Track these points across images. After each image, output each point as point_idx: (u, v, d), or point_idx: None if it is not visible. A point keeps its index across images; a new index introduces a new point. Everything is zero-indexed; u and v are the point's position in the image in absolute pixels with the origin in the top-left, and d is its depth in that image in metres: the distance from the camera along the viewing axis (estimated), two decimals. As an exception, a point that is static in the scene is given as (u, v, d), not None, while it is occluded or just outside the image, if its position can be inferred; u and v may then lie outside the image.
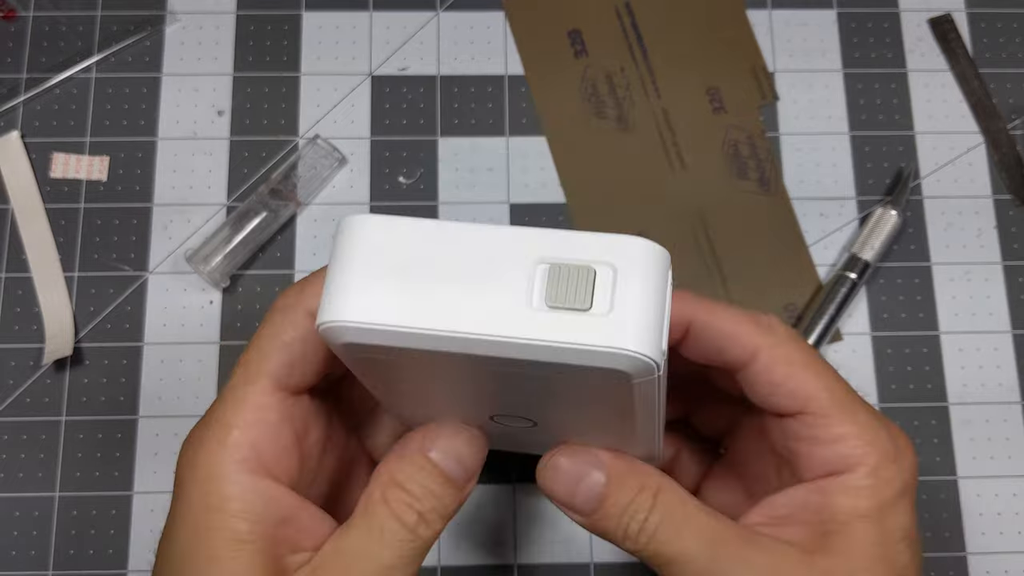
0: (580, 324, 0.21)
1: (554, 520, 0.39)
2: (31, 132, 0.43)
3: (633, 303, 0.21)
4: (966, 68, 0.45)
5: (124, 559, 0.38)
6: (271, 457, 0.25)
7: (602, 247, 0.22)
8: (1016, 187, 0.44)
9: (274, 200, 0.42)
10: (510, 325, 0.21)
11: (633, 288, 0.21)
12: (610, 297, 0.21)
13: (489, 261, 0.21)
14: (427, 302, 0.21)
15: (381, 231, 0.22)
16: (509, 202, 0.43)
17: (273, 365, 0.25)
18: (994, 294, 0.43)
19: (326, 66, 0.44)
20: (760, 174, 0.44)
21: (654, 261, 0.22)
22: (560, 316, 0.21)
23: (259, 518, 0.24)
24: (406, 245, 0.22)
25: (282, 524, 0.25)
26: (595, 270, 0.21)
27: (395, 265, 0.21)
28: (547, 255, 0.21)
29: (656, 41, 0.45)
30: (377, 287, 0.21)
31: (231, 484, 0.24)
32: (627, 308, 0.21)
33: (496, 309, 0.21)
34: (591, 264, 0.21)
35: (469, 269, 0.21)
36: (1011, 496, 0.40)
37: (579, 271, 0.21)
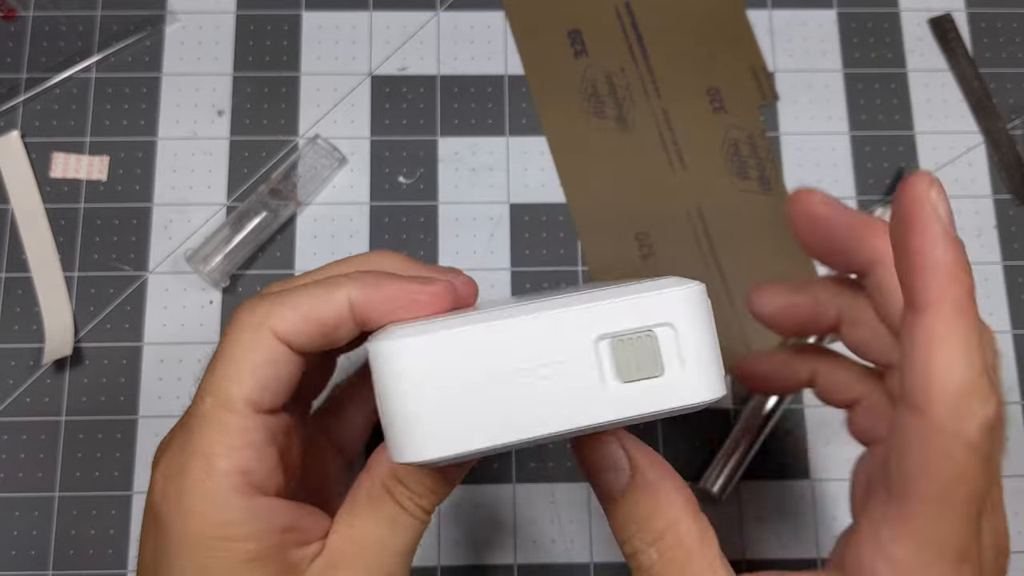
0: (657, 390, 0.21)
1: (554, 520, 0.39)
2: (31, 132, 0.43)
3: (699, 355, 0.22)
4: (966, 68, 0.45)
5: (124, 559, 0.38)
6: (261, 477, 0.25)
7: (651, 307, 0.22)
8: (1016, 187, 0.44)
9: (274, 200, 0.42)
10: (593, 410, 0.21)
11: (693, 340, 0.22)
12: (677, 356, 0.22)
13: (548, 353, 0.22)
14: (503, 412, 0.21)
15: (424, 354, 0.21)
16: (509, 202, 0.43)
17: (246, 389, 0.25)
18: (994, 294, 0.43)
19: (326, 66, 0.44)
20: (760, 174, 0.44)
21: (700, 304, 0.22)
22: (637, 387, 0.21)
23: (265, 535, 0.25)
24: (457, 362, 0.21)
25: (285, 532, 0.25)
26: (656, 334, 0.22)
27: (456, 386, 0.21)
28: (603, 331, 0.22)
29: (656, 41, 0.45)
30: (448, 412, 0.21)
31: (231, 510, 0.24)
32: (695, 362, 0.22)
33: (574, 399, 0.21)
34: (649, 329, 0.22)
35: (530, 367, 0.21)
36: (1011, 496, 0.40)
37: (641, 340, 0.22)
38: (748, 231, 0.43)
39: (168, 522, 0.25)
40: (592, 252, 0.43)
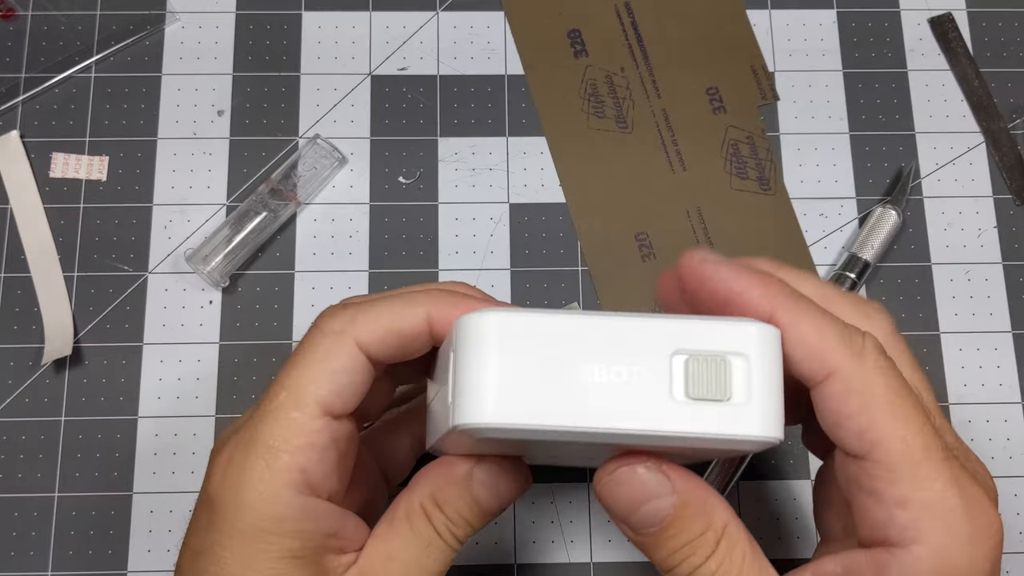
0: (721, 414, 0.22)
1: (554, 520, 0.39)
2: (30, 132, 0.43)
3: (765, 392, 0.22)
4: (966, 68, 0.45)
5: (124, 559, 0.38)
6: (319, 478, 0.26)
7: (730, 334, 0.23)
8: (1016, 187, 0.44)
9: (274, 200, 0.42)
10: (657, 418, 0.22)
11: (763, 376, 0.22)
12: (746, 387, 0.22)
13: (624, 354, 0.22)
14: (570, 397, 0.22)
15: (507, 328, 0.22)
16: (509, 202, 0.43)
17: (323, 391, 0.25)
18: (994, 294, 0.43)
19: (326, 66, 0.44)
20: (760, 174, 0.44)
21: (774, 345, 0.23)
22: (702, 407, 0.22)
23: (310, 536, 0.25)
24: (538, 342, 0.22)
25: (328, 536, 0.26)
26: (730, 361, 0.22)
27: (532, 364, 0.22)
28: (680, 346, 0.22)
29: (656, 41, 0.45)
30: (517, 385, 0.22)
31: (284, 506, 0.25)
32: (762, 398, 0.22)
33: (640, 402, 0.22)
34: (725, 354, 0.22)
35: (605, 363, 0.22)
36: (1011, 496, 0.40)
37: (715, 362, 0.22)
38: (748, 231, 0.43)
39: (222, 508, 0.25)
40: (592, 252, 0.43)
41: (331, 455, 0.26)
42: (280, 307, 0.41)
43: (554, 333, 0.22)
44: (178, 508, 0.39)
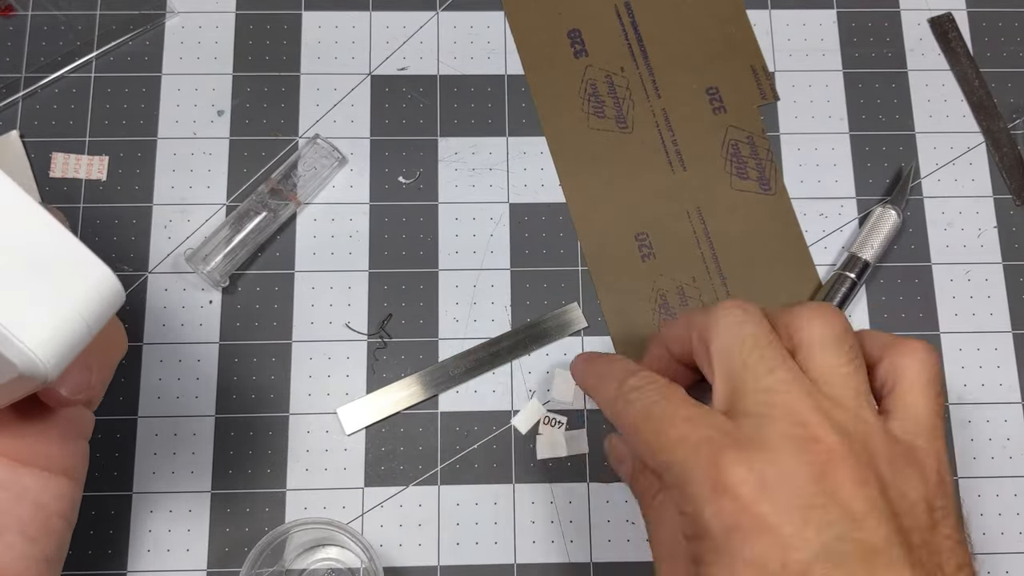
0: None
1: (554, 520, 0.39)
2: (30, 131, 0.43)
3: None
4: (966, 68, 0.45)
5: (124, 559, 0.38)
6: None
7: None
8: (1016, 187, 0.44)
9: (274, 200, 0.42)
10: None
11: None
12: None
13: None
14: None
15: None
16: (509, 202, 0.43)
17: None
18: (994, 294, 0.43)
19: (326, 66, 0.44)
20: (760, 174, 0.44)
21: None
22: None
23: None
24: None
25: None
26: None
27: None
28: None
29: (656, 41, 0.45)
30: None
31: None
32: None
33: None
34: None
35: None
36: (1011, 496, 0.40)
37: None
38: (748, 231, 0.43)
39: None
40: (592, 252, 0.42)
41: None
42: (280, 307, 0.41)
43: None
44: (178, 508, 0.39)
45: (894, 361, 0.30)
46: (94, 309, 0.23)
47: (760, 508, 0.25)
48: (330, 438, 0.40)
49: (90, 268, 0.23)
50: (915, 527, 0.27)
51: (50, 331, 0.22)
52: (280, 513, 0.39)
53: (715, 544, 0.26)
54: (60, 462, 0.28)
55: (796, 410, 0.27)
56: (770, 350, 0.28)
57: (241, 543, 0.39)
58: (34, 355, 0.22)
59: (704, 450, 0.27)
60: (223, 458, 0.40)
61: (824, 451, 0.26)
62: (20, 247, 0.22)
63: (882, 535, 0.25)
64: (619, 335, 0.42)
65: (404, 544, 0.39)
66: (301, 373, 0.41)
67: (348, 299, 0.42)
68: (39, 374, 0.22)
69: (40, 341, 0.22)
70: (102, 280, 0.23)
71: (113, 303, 0.23)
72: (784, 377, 0.28)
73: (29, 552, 0.27)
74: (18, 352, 0.22)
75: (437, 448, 0.40)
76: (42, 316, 0.22)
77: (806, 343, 0.29)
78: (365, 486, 0.40)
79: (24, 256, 0.22)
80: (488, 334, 0.41)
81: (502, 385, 0.41)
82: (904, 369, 0.29)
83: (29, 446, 0.28)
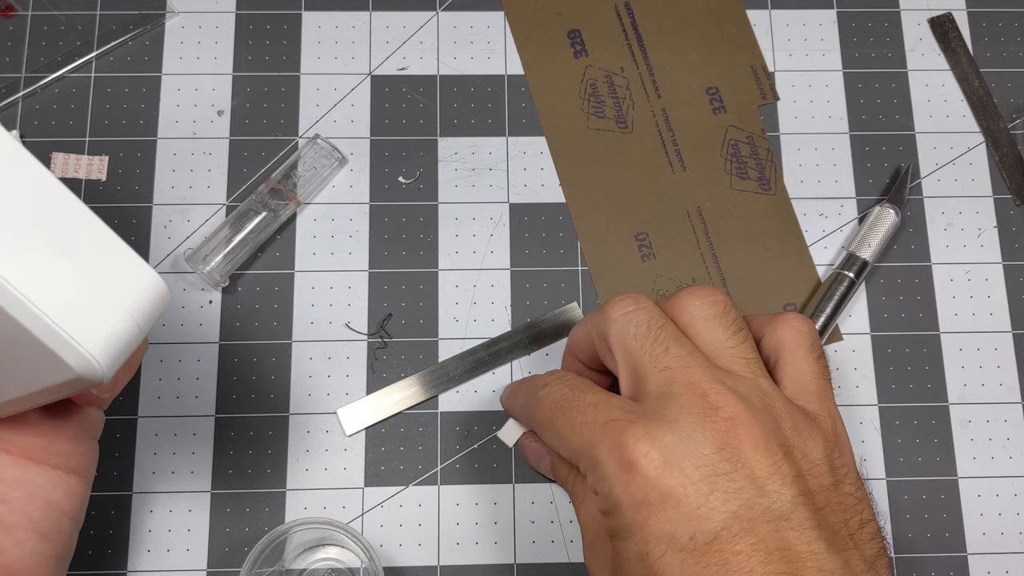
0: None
1: (554, 520, 0.39)
2: (30, 131, 0.43)
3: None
4: (966, 68, 0.45)
5: (124, 559, 0.38)
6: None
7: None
8: (1016, 187, 0.44)
9: (274, 200, 0.42)
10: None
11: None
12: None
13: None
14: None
15: None
16: (509, 202, 0.43)
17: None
18: (994, 294, 0.43)
19: (326, 66, 0.44)
20: (760, 174, 0.44)
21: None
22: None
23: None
24: None
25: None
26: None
27: None
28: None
29: (656, 41, 0.45)
30: None
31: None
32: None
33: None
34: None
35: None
36: (1011, 496, 0.40)
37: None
38: (748, 231, 0.43)
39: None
40: (592, 252, 0.42)
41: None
42: (280, 307, 0.41)
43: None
44: (178, 508, 0.39)
45: (773, 335, 0.31)
46: (144, 312, 0.24)
47: (666, 481, 0.26)
48: (330, 438, 0.40)
49: (140, 272, 0.24)
50: (819, 488, 0.27)
51: (106, 334, 0.23)
52: (280, 513, 0.39)
53: (627, 520, 0.27)
54: (72, 461, 0.29)
55: (695, 382, 0.28)
56: (664, 331, 0.29)
57: (241, 543, 0.39)
58: (92, 357, 0.22)
59: (609, 430, 0.28)
60: (223, 458, 0.40)
61: (725, 419, 0.27)
62: (73, 252, 0.23)
63: (787, 498, 0.26)
64: (619, 335, 0.42)
65: (404, 544, 0.39)
66: (301, 373, 0.41)
67: (348, 299, 0.42)
68: (96, 376, 0.23)
69: (97, 343, 0.22)
70: (151, 283, 0.24)
71: (161, 305, 0.24)
72: (679, 353, 0.29)
73: (40, 549, 0.28)
74: (76, 354, 0.22)
75: (437, 448, 0.40)
76: (98, 319, 0.23)
77: (690, 323, 0.30)
78: (365, 486, 0.40)
79: (77, 260, 0.23)
80: (488, 334, 0.41)
81: (502, 385, 0.41)
82: (783, 340, 0.31)
83: (44, 445, 0.28)
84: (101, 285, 0.23)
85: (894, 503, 0.40)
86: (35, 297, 0.22)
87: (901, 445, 0.41)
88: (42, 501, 0.28)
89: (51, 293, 0.22)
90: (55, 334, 0.22)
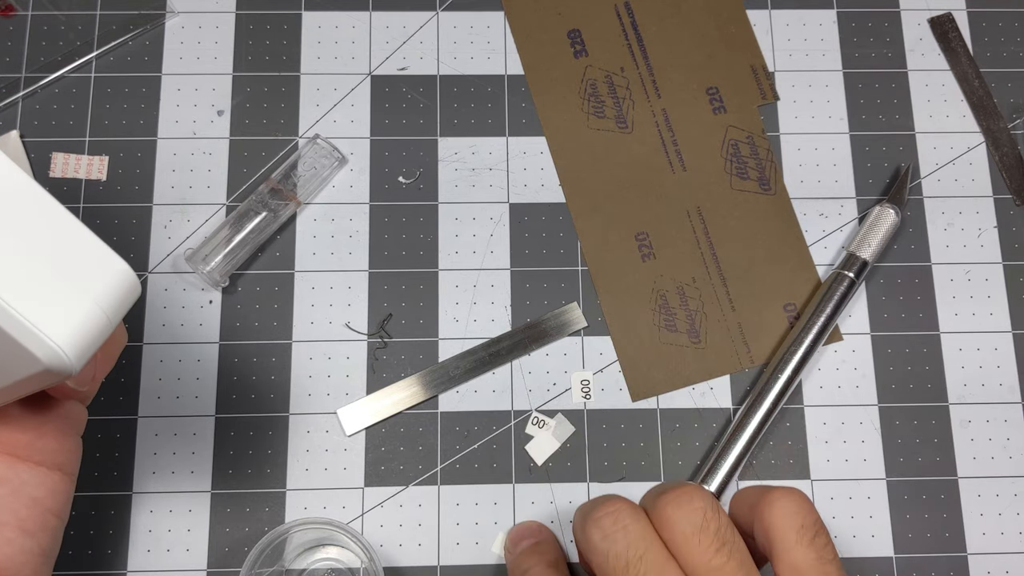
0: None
1: (554, 520, 0.39)
2: (30, 131, 0.43)
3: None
4: (966, 68, 0.45)
5: (124, 559, 0.38)
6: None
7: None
8: (1016, 187, 0.44)
9: (274, 200, 0.42)
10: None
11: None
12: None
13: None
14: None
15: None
16: (509, 202, 0.43)
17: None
18: (994, 294, 0.43)
19: (326, 66, 0.44)
20: (760, 174, 0.44)
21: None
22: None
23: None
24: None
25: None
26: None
27: None
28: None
29: (656, 41, 0.45)
30: None
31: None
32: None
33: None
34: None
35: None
36: (1011, 496, 0.40)
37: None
38: (748, 231, 0.43)
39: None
40: (592, 252, 0.43)
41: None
42: (280, 307, 0.41)
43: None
44: (178, 508, 0.39)
45: (762, 521, 0.29)
46: (113, 302, 0.23)
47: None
48: (330, 438, 0.40)
49: (108, 262, 0.23)
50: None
51: (73, 325, 0.22)
52: (280, 513, 0.39)
53: None
54: (56, 457, 0.29)
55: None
56: (643, 563, 0.28)
57: (241, 543, 0.39)
58: (59, 349, 0.22)
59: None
60: (223, 458, 0.40)
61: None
62: (40, 243, 0.22)
63: None
64: (619, 335, 0.42)
65: (404, 544, 0.39)
66: (301, 373, 0.41)
67: (348, 299, 0.42)
68: (64, 368, 0.22)
69: (65, 335, 0.22)
70: (120, 274, 0.24)
71: (131, 296, 0.24)
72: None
73: (27, 547, 0.27)
74: (43, 346, 0.22)
75: (437, 448, 0.40)
76: (65, 310, 0.22)
77: (671, 540, 0.28)
78: (365, 486, 0.40)
79: (44, 252, 0.22)
80: (488, 334, 0.41)
81: (502, 385, 0.41)
82: (771, 527, 0.28)
83: (28, 441, 0.28)
84: (68, 275, 0.23)
85: (894, 503, 0.40)
86: (0, 289, 0.21)
87: (901, 445, 0.41)
88: (27, 498, 0.28)
89: (16, 284, 0.22)
90: (21, 326, 0.22)
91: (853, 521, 0.40)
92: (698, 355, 0.41)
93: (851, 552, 0.40)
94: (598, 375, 0.41)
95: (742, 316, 0.42)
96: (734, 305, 0.42)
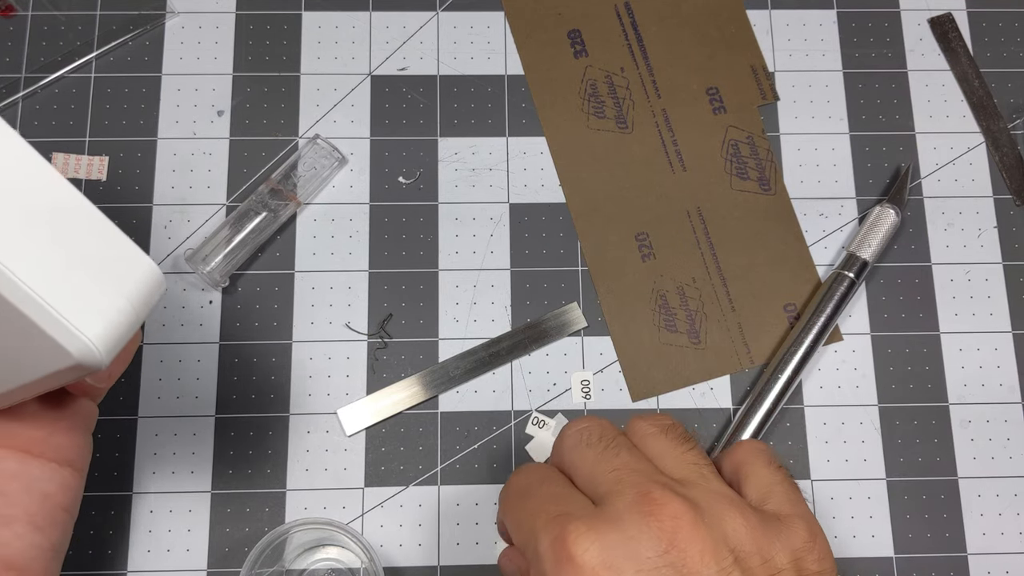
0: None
1: (554, 520, 0.39)
2: (30, 131, 0.43)
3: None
4: (966, 68, 0.45)
5: (124, 559, 0.38)
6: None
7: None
8: (1016, 187, 0.44)
9: (274, 200, 0.42)
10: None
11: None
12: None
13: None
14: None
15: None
16: (509, 202, 0.43)
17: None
18: (994, 294, 0.43)
19: (326, 66, 0.44)
20: (760, 174, 0.44)
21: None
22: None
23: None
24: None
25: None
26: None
27: None
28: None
29: (656, 41, 0.45)
30: None
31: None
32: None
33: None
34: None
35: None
36: (1011, 496, 0.40)
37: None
38: (748, 231, 0.43)
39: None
40: (592, 252, 0.43)
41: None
42: (280, 307, 0.41)
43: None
44: (178, 508, 0.39)
45: (731, 458, 0.31)
46: (142, 299, 0.24)
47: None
48: (330, 438, 0.40)
49: (137, 260, 0.24)
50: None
51: (105, 320, 0.23)
52: (280, 513, 0.39)
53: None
54: (67, 454, 0.29)
55: (642, 483, 0.28)
56: (616, 440, 0.30)
57: (241, 543, 0.39)
58: (91, 343, 0.22)
59: (555, 523, 0.27)
60: (223, 458, 0.40)
61: (671, 519, 0.26)
62: (72, 240, 0.23)
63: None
64: (619, 335, 0.42)
65: (404, 544, 0.39)
66: (301, 373, 0.41)
67: (348, 299, 0.42)
68: (95, 363, 0.23)
69: (96, 330, 0.23)
70: (148, 271, 0.24)
71: (158, 292, 0.24)
72: (628, 459, 0.29)
73: (37, 541, 0.28)
74: (75, 340, 0.22)
75: (437, 448, 0.40)
76: (96, 306, 0.23)
77: (640, 439, 0.30)
78: (365, 486, 0.40)
79: (75, 249, 0.23)
80: (488, 334, 0.41)
81: (502, 385, 0.41)
82: (740, 458, 0.31)
83: (42, 438, 0.28)
84: (100, 273, 0.23)
85: (894, 503, 0.40)
86: (34, 284, 0.22)
87: (901, 445, 0.41)
88: (39, 494, 0.28)
89: (50, 280, 0.22)
90: (55, 320, 0.22)
91: (853, 521, 0.40)
92: (698, 355, 0.41)
93: (851, 552, 0.40)
94: (598, 375, 0.41)
95: (742, 316, 0.42)
96: (734, 305, 0.42)
